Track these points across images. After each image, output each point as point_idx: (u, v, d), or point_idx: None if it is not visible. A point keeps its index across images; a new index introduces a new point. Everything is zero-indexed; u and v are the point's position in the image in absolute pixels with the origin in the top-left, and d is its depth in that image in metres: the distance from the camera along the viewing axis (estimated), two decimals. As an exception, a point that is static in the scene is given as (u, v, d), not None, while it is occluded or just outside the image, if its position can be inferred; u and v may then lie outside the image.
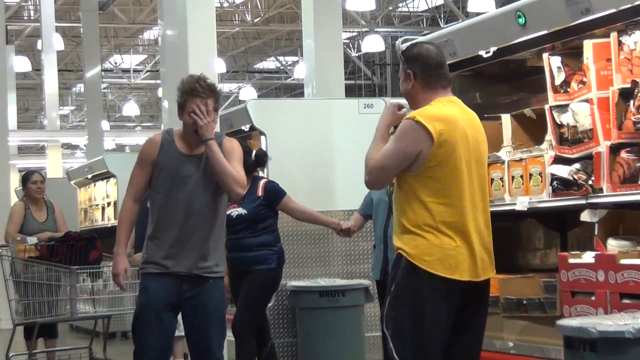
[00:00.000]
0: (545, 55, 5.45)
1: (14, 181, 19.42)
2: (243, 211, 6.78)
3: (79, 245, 7.69)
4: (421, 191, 4.17)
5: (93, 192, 13.72)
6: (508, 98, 6.53)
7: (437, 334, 4.14)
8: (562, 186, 5.23)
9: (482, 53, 5.77)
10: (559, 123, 5.32)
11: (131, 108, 34.20)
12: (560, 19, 5.10)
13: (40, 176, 8.90)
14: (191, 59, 8.75)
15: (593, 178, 5.04)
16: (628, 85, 4.89)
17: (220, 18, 23.46)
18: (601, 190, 4.98)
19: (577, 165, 5.17)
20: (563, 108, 5.29)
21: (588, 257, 4.95)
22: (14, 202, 9.80)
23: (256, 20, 25.80)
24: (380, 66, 28.57)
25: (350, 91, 25.54)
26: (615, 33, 5.00)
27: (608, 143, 4.96)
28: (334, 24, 12.11)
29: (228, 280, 6.54)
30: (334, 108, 8.58)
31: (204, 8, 9.07)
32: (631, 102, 4.86)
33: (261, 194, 6.85)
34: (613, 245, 4.99)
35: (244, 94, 31.08)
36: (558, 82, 5.38)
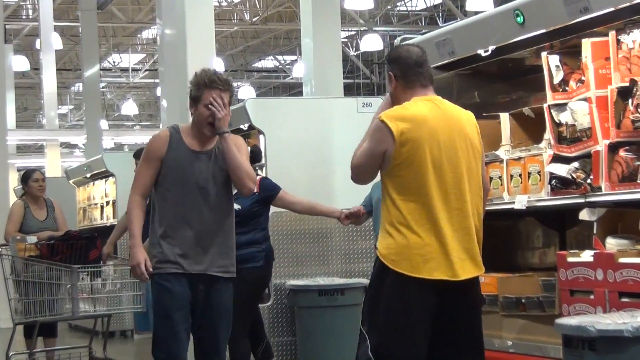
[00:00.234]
0: (543, 54, 5.45)
1: (13, 180, 19.41)
2: (237, 207, 6.77)
3: (79, 244, 7.68)
4: (392, 190, 4.22)
5: (92, 191, 13.71)
6: (507, 97, 6.53)
7: (410, 333, 4.12)
8: (561, 185, 5.23)
9: (481, 52, 5.77)
10: (558, 122, 5.32)
11: (130, 107, 34.17)
12: (558, 18, 5.10)
13: (41, 174, 8.92)
14: (190, 58, 8.75)
15: (592, 177, 5.04)
16: (626, 84, 4.89)
17: (218, 17, 23.44)
18: (600, 189, 4.98)
19: (576, 164, 5.17)
20: (562, 107, 5.30)
21: (587, 256, 4.96)
22: (14, 201, 9.79)
23: (255, 19, 25.79)
24: (378, 65, 28.58)
25: (348, 90, 25.55)
26: (613, 32, 5.00)
27: (607, 142, 4.96)
28: (333, 23, 12.12)
29: None
30: (333, 107, 8.58)
31: (203, 7, 9.09)
32: (630, 101, 4.86)
33: (257, 191, 6.85)
34: (612, 244, 4.99)
35: (243, 93, 31.06)
36: (557, 81, 5.38)
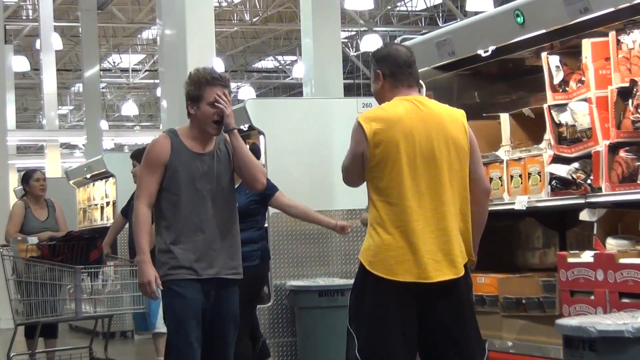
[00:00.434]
0: (543, 54, 5.45)
1: (13, 181, 19.41)
2: None
3: (80, 245, 7.67)
4: (371, 190, 4.21)
5: (92, 192, 13.72)
6: (507, 97, 6.54)
7: (391, 335, 4.09)
8: (561, 185, 5.23)
9: (481, 52, 5.77)
10: (558, 122, 5.32)
11: (130, 108, 34.19)
12: (558, 18, 5.10)
13: (42, 174, 8.94)
14: (190, 59, 8.76)
15: (592, 177, 5.04)
16: (627, 84, 4.89)
17: (218, 17, 23.44)
18: (600, 189, 4.98)
19: (576, 164, 5.17)
20: (562, 107, 5.30)
21: (587, 257, 4.95)
22: (14, 202, 9.80)
23: (255, 19, 25.80)
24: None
25: (349, 90, 25.56)
26: (613, 32, 5.00)
27: (607, 142, 4.96)
28: (333, 24, 12.12)
29: None
30: (333, 107, 8.58)
31: (203, 7, 9.09)
32: (630, 101, 4.87)
33: None
34: (612, 244, 4.99)
35: (243, 94, 31.08)
36: (557, 82, 5.38)
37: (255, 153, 7.09)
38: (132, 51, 30.87)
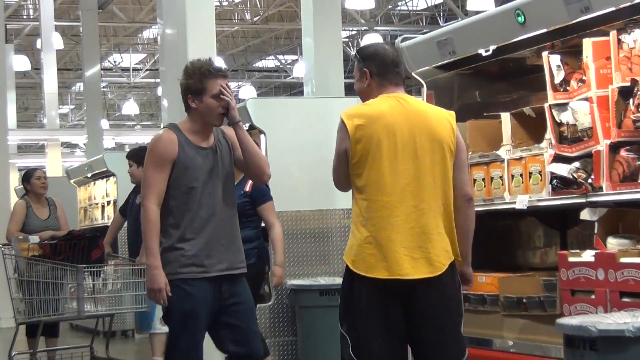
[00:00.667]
0: (544, 53, 5.45)
1: (14, 180, 19.42)
2: None
3: (82, 244, 7.67)
4: (354, 188, 4.20)
5: (93, 191, 13.72)
6: (508, 96, 6.54)
7: (376, 334, 4.08)
8: (562, 185, 5.23)
9: (482, 52, 5.77)
10: (559, 121, 5.32)
11: (131, 107, 34.20)
12: (559, 18, 5.10)
13: (43, 173, 8.95)
14: (191, 58, 8.60)
15: (593, 176, 5.04)
16: (627, 83, 4.89)
17: (219, 17, 23.45)
18: (601, 188, 4.98)
19: (577, 163, 5.18)
20: (563, 106, 5.30)
21: (588, 256, 4.96)
22: (16, 201, 9.80)
23: (255, 19, 25.80)
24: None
25: (350, 90, 25.48)
26: (614, 31, 5.01)
27: (608, 141, 4.96)
28: (334, 23, 12.10)
29: None
30: (334, 106, 8.56)
31: (204, 7, 9.08)
32: (631, 101, 4.87)
33: (248, 190, 6.85)
34: (613, 243, 4.99)
35: (244, 93, 31.07)
36: (557, 81, 5.38)
37: None
38: (133, 50, 30.86)
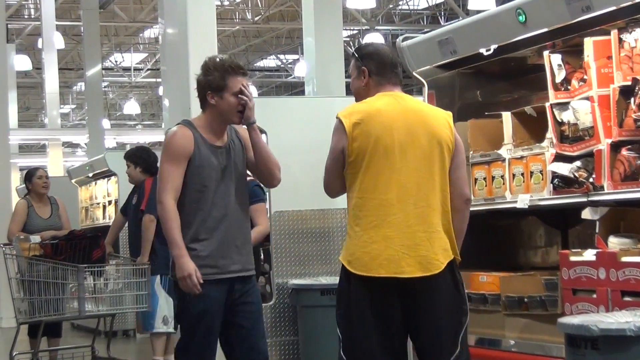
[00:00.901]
0: (545, 53, 5.44)
1: (15, 180, 19.42)
2: None
3: (83, 243, 7.67)
4: (349, 187, 4.17)
5: (94, 191, 13.73)
6: (509, 96, 6.53)
7: (369, 334, 4.07)
8: (563, 184, 5.23)
9: (483, 51, 5.76)
10: (560, 121, 5.32)
11: (132, 106, 34.24)
12: (560, 17, 5.10)
13: (44, 172, 8.96)
14: (192, 57, 8.75)
15: (594, 176, 5.04)
16: (629, 82, 4.89)
17: (220, 16, 23.46)
18: (602, 187, 4.97)
19: (578, 163, 5.17)
20: (564, 106, 5.29)
21: (589, 255, 4.95)
22: (17, 201, 9.81)
23: (256, 18, 25.81)
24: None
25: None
26: (615, 30, 5.00)
27: (609, 141, 4.96)
28: (335, 22, 12.11)
29: None
30: (335, 106, 8.46)
31: (205, 6, 9.09)
32: (632, 100, 4.86)
33: None
34: (614, 242, 4.98)
35: (245, 92, 31.03)
36: (559, 80, 5.38)
37: None
38: (134, 50, 30.88)
